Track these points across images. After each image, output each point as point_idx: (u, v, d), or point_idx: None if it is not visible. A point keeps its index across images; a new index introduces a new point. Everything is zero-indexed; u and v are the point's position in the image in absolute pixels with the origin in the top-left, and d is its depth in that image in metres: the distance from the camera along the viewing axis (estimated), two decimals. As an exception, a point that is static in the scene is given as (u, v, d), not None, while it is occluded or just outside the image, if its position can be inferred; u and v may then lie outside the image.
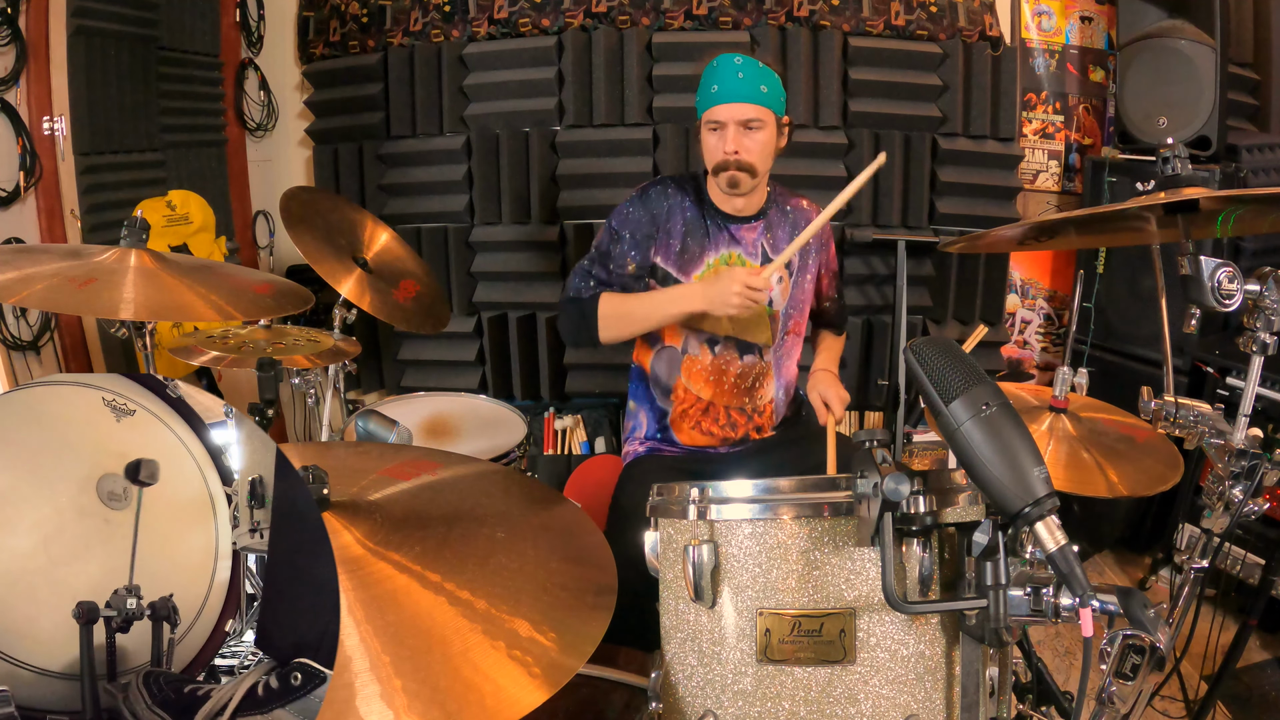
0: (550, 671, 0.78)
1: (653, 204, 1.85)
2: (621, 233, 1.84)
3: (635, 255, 1.85)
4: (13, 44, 2.19)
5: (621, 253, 1.84)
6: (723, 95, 1.72)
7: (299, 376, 2.07)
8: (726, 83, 1.72)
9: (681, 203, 1.86)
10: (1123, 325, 2.90)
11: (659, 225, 1.84)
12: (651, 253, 1.85)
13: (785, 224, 1.91)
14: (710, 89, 1.74)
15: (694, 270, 1.86)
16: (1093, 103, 3.18)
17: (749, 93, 1.72)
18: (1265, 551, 2.26)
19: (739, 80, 1.72)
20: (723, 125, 1.73)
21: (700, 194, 1.88)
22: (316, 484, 0.87)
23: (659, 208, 1.84)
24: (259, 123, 3.27)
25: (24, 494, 0.79)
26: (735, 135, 1.72)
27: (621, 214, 1.86)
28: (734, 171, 1.75)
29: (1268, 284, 1.22)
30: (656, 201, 1.85)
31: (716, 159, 1.76)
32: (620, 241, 1.84)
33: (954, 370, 0.86)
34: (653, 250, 1.85)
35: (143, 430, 0.86)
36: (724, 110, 1.72)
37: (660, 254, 1.86)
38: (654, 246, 1.85)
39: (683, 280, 1.86)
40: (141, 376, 0.88)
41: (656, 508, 1.12)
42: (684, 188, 1.88)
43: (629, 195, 1.88)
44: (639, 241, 1.84)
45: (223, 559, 0.88)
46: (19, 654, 0.74)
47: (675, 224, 1.85)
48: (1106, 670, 0.95)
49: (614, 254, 1.85)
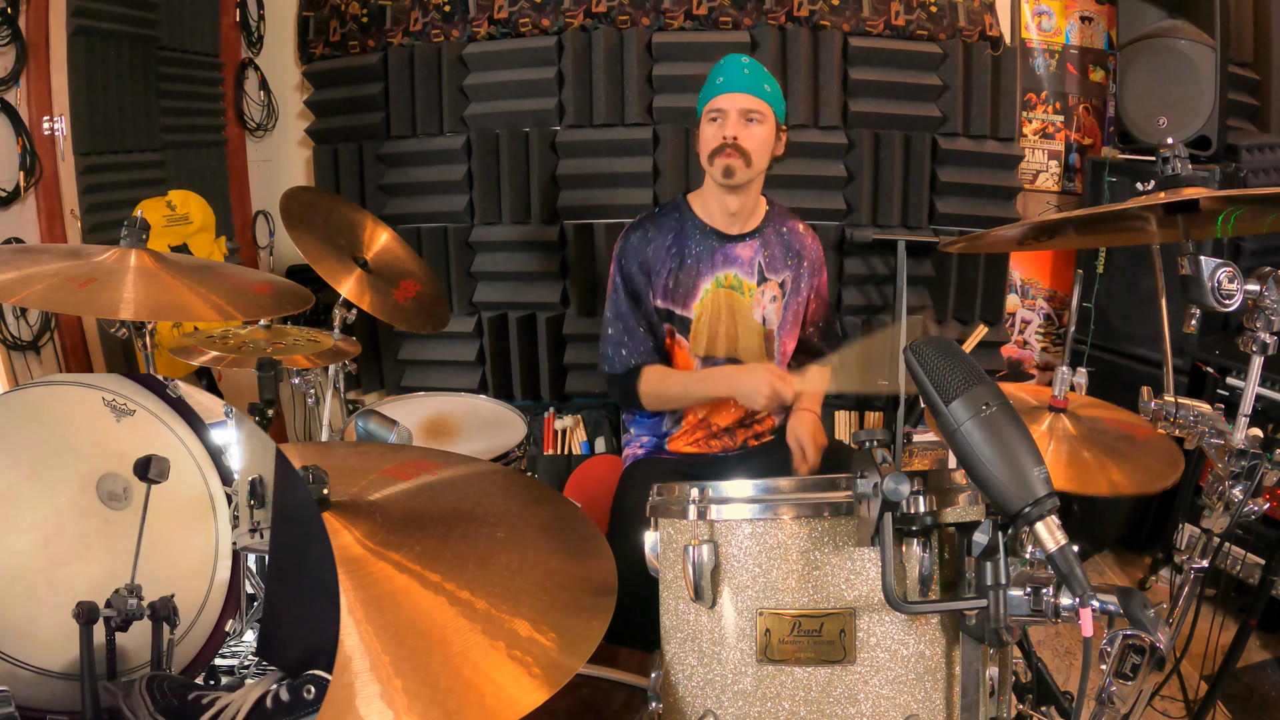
0: (550, 671, 0.78)
1: (637, 252, 1.85)
2: (623, 293, 1.86)
3: (643, 306, 1.87)
4: (13, 44, 2.19)
5: (633, 307, 1.86)
6: (726, 85, 1.74)
7: (299, 376, 2.06)
8: (731, 75, 1.75)
9: (664, 240, 1.85)
10: (1123, 325, 2.90)
11: (650, 271, 1.85)
12: (651, 297, 1.87)
13: (780, 244, 1.92)
14: (715, 82, 1.76)
15: (692, 301, 1.86)
16: (1093, 103, 3.18)
17: (752, 86, 1.74)
18: (1265, 551, 2.26)
19: (744, 74, 1.74)
20: (724, 113, 1.74)
21: (684, 219, 1.87)
22: (316, 484, 0.87)
23: (644, 254, 1.85)
24: (259, 123, 3.27)
25: (24, 494, 0.79)
26: (736, 122, 1.73)
27: (617, 275, 1.88)
28: (730, 156, 1.73)
29: (1268, 284, 1.22)
30: (639, 248, 1.85)
31: (714, 144, 1.75)
32: (628, 297, 1.86)
33: (954, 370, 0.86)
34: (651, 295, 1.87)
35: (143, 430, 0.86)
36: (726, 99, 1.74)
37: (657, 296, 1.87)
38: (651, 292, 1.86)
39: (684, 314, 1.86)
40: (141, 376, 0.88)
41: (656, 508, 1.12)
42: (662, 223, 1.87)
43: (616, 249, 1.88)
44: (641, 291, 1.86)
45: (223, 559, 0.88)
46: (19, 654, 0.74)
47: (663, 264, 1.85)
48: (1106, 670, 0.95)
49: (631, 310, 1.86)
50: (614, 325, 1.88)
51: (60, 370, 2.34)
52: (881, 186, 3.02)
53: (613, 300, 1.88)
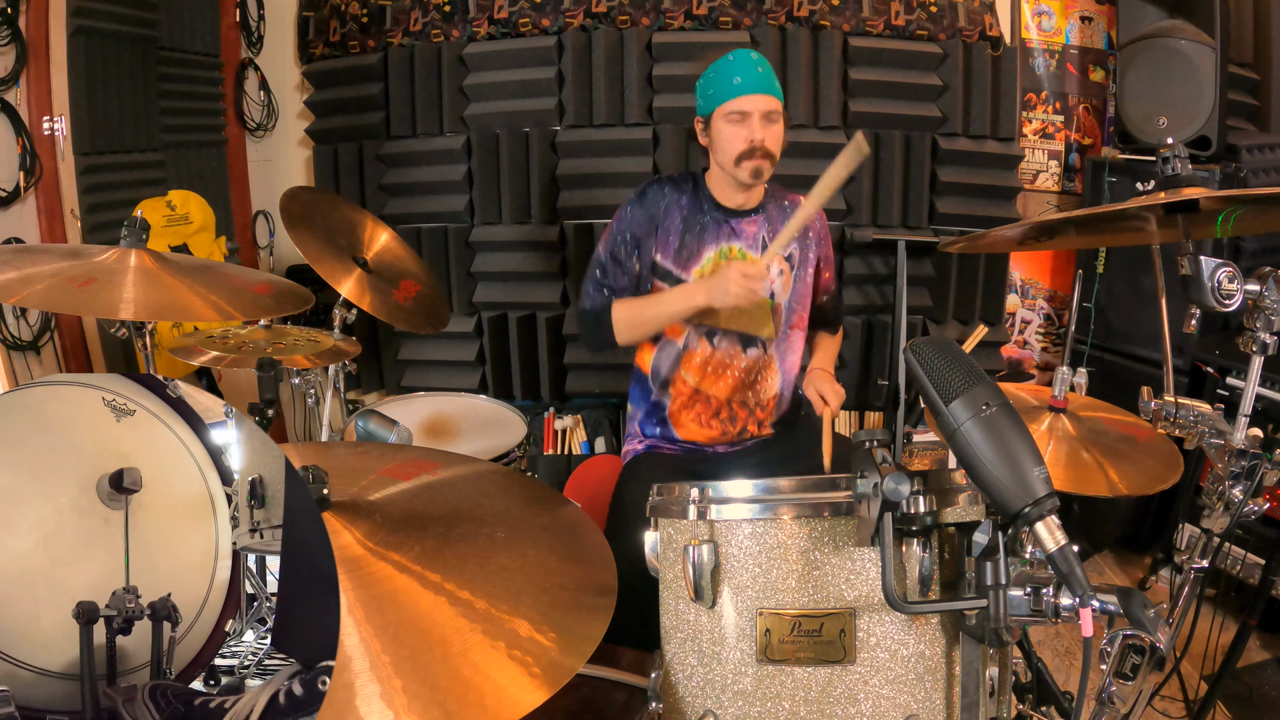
0: (550, 671, 0.78)
1: (650, 203, 1.88)
2: (624, 234, 1.88)
3: (639, 255, 1.88)
4: (13, 44, 2.19)
5: (627, 254, 1.88)
6: (747, 87, 1.75)
7: (299, 376, 2.06)
8: (749, 75, 1.76)
9: (679, 200, 1.89)
10: (1123, 325, 2.90)
11: (658, 224, 1.88)
12: (653, 251, 1.87)
13: (783, 218, 1.93)
14: (732, 80, 1.76)
15: (694, 265, 1.88)
16: (1093, 103, 3.18)
17: (770, 85, 1.77)
18: (1265, 551, 2.26)
19: (759, 74, 1.76)
20: (747, 115, 1.76)
21: (698, 190, 1.91)
22: (316, 484, 0.87)
23: (655, 207, 1.88)
24: (259, 123, 3.27)
25: (24, 494, 0.79)
26: (760, 124, 1.76)
27: (623, 217, 1.90)
28: (759, 159, 1.77)
29: (1268, 284, 1.22)
30: (653, 201, 1.88)
31: (741, 147, 1.77)
32: (625, 244, 1.88)
33: (954, 370, 0.86)
34: (654, 248, 1.87)
35: (143, 430, 0.86)
36: (749, 101, 1.75)
37: (660, 252, 1.88)
38: (654, 245, 1.87)
39: (684, 277, 1.88)
40: (141, 376, 0.88)
41: (656, 508, 1.12)
42: (681, 186, 1.91)
43: (629, 196, 1.91)
44: (641, 240, 1.87)
45: (223, 559, 0.88)
46: (19, 654, 0.74)
47: (673, 221, 1.88)
48: (1106, 670, 0.95)
49: (620, 257, 1.88)
50: (600, 266, 1.90)
51: (60, 370, 2.34)
52: (881, 186, 3.02)
53: (609, 242, 1.90)
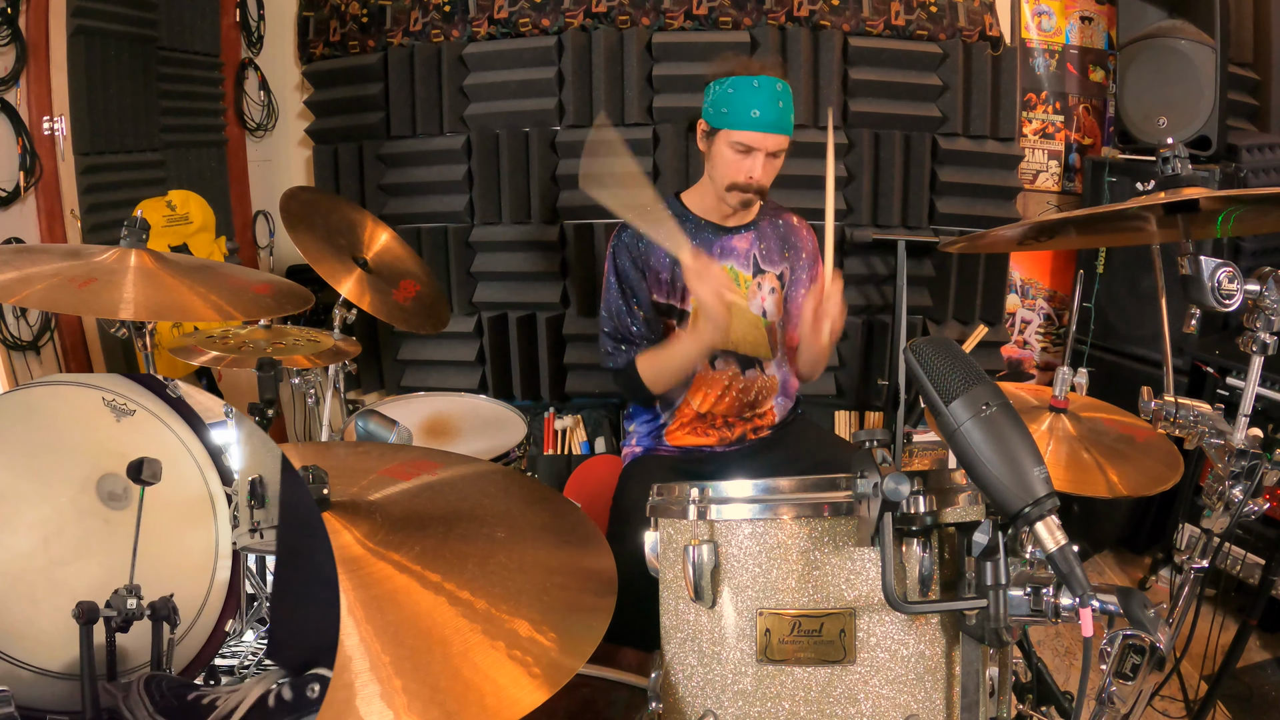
0: (550, 671, 0.78)
1: (630, 247, 1.85)
2: (617, 287, 1.87)
3: (639, 302, 1.87)
4: (13, 44, 2.19)
5: (628, 304, 1.87)
6: (763, 123, 1.70)
7: (299, 376, 2.07)
8: (769, 112, 1.69)
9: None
10: (1123, 325, 2.90)
11: (643, 267, 1.86)
12: (649, 294, 1.87)
13: (775, 237, 1.93)
14: (749, 112, 1.69)
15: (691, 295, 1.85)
16: (1093, 103, 3.18)
17: (785, 125, 1.72)
18: (1265, 551, 2.26)
19: (779, 110, 1.70)
20: (753, 151, 1.72)
21: (680, 217, 1.85)
22: (316, 484, 0.87)
23: (637, 250, 1.85)
24: (259, 123, 3.27)
25: (24, 494, 0.79)
26: (763, 163, 1.73)
27: (610, 270, 1.88)
28: (751, 195, 1.76)
29: (1268, 284, 1.22)
30: (632, 245, 1.85)
31: (737, 179, 1.74)
32: (621, 296, 1.87)
33: (954, 370, 0.86)
34: (649, 291, 1.87)
35: (143, 430, 0.86)
36: (759, 138, 1.70)
37: (656, 292, 1.87)
38: (648, 287, 1.87)
39: (685, 309, 1.87)
40: (141, 376, 0.88)
41: (656, 508, 1.12)
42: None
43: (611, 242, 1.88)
44: (635, 288, 1.86)
45: (223, 559, 0.88)
46: (19, 654, 0.74)
47: (659, 258, 1.85)
48: (1106, 670, 0.95)
49: (627, 309, 1.87)
50: (609, 324, 1.89)
51: (60, 370, 2.34)
52: (881, 186, 3.02)
53: (607, 298, 1.89)
